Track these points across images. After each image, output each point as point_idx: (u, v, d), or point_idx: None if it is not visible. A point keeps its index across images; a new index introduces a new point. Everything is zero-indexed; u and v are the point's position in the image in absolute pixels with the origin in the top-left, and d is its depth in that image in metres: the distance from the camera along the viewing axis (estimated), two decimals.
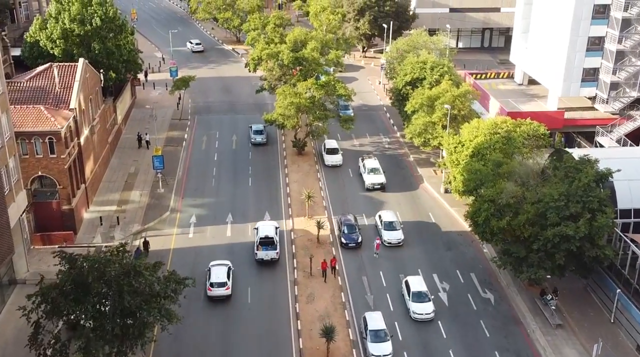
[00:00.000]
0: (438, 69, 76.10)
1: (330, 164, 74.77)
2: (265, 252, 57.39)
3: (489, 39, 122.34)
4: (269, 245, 57.57)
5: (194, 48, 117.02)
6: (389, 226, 61.65)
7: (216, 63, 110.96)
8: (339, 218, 63.29)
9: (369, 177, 70.62)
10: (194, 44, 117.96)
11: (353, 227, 61.53)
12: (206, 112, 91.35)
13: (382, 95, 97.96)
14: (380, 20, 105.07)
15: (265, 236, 57.87)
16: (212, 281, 53.36)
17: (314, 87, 73.68)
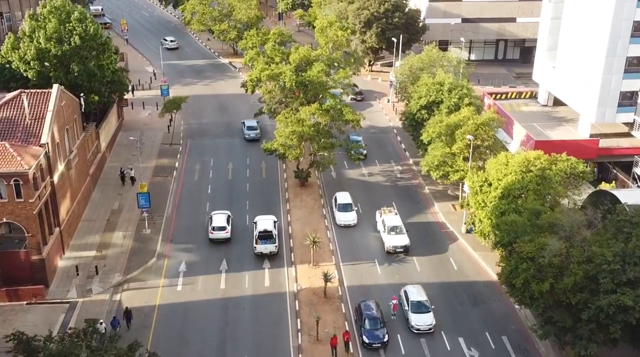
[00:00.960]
0: (457, 92, 68.31)
1: (343, 224, 62.65)
2: (264, 246, 58.09)
3: (503, 51, 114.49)
4: (268, 239, 58.41)
5: (168, 45, 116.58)
6: (418, 307, 50.08)
7: (212, 79, 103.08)
8: (357, 305, 51.12)
9: (389, 238, 59.04)
10: (168, 41, 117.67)
11: (377, 321, 48.63)
12: (200, 136, 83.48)
13: (391, 115, 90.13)
14: (388, 32, 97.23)
15: (264, 230, 58.72)
16: (213, 225, 60.65)
17: (318, 112, 65.83)
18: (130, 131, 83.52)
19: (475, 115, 63.27)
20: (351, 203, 64.39)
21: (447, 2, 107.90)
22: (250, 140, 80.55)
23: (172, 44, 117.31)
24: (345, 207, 63.74)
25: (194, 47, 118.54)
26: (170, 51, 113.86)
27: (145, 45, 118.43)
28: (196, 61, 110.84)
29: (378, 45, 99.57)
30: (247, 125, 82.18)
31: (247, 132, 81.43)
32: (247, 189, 70.56)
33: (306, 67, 72.00)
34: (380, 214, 62.49)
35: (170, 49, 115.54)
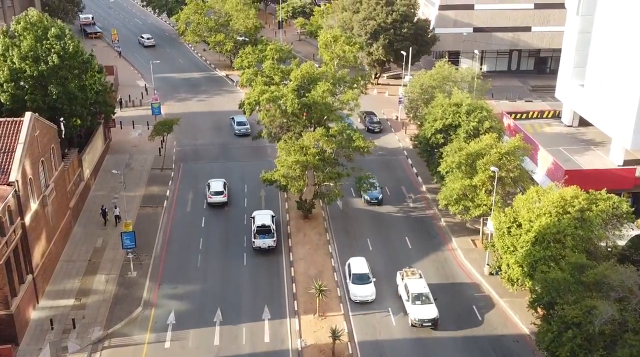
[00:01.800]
0: (476, 114, 61.79)
1: (358, 300, 52.16)
2: (262, 241, 58.25)
3: (517, 62, 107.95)
4: (266, 233, 58.52)
5: (145, 42, 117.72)
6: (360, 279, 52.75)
7: (207, 93, 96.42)
8: None
9: (414, 309, 49.52)
10: (145, 39, 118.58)
11: None
12: (194, 159, 76.88)
13: (400, 134, 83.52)
14: (396, 44, 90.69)
15: (262, 225, 58.85)
16: (211, 190, 66.08)
17: (323, 139, 59.25)
18: (118, 154, 76.98)
19: (499, 143, 56.67)
20: (368, 273, 53.38)
21: (457, 10, 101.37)
22: (241, 136, 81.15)
23: (148, 41, 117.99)
24: (361, 279, 52.90)
25: (189, 58, 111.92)
26: (163, 64, 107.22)
27: (137, 57, 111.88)
28: (191, 74, 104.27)
29: (385, 58, 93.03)
30: (237, 120, 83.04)
31: (238, 128, 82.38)
32: (245, 221, 63.94)
33: (309, 86, 65.55)
34: (402, 277, 52.94)
35: (147, 46, 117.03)
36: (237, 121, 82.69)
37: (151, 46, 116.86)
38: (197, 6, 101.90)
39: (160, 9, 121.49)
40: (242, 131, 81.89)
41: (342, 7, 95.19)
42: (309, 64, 65.76)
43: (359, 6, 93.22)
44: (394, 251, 59.46)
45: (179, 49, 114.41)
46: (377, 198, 66.14)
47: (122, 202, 62.38)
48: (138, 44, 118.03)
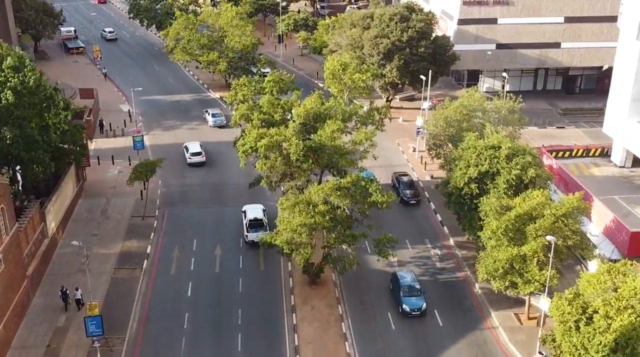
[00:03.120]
0: (518, 160, 51.11)
1: None
2: (255, 234, 56.86)
3: (543, 81, 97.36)
4: (259, 227, 57.50)
5: (107, 36, 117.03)
6: None
7: (199, 120, 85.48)
8: None
9: None
10: (107, 33, 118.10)
11: None
12: (181, 203, 66.14)
13: (420, 171, 72.77)
14: (412, 65, 79.95)
15: (254, 218, 58.06)
16: (191, 151, 72.16)
17: (334, 194, 48.52)
18: (92, 198, 66.22)
19: (553, 203, 45.93)
20: None
21: (479, 25, 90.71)
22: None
23: (111, 34, 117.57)
24: None
25: (179, 77, 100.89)
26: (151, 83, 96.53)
27: (123, 74, 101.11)
28: (181, 96, 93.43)
29: (400, 81, 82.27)
30: (212, 112, 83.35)
31: (213, 120, 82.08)
32: (240, 288, 53.25)
33: (315, 124, 54.92)
34: None
35: (109, 39, 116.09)
36: (211, 113, 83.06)
37: (113, 39, 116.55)
38: (188, 20, 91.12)
39: (149, 22, 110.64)
40: (218, 123, 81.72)
41: (351, 23, 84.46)
42: (315, 98, 55.00)
43: (370, 22, 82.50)
44: (422, 329, 48.82)
45: (169, 66, 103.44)
46: (420, 308, 49.74)
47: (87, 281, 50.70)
48: (125, 62, 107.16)
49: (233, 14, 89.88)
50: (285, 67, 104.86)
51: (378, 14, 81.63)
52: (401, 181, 67.34)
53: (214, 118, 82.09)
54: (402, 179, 67.54)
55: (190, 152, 72.85)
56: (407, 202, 64.89)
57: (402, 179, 67.62)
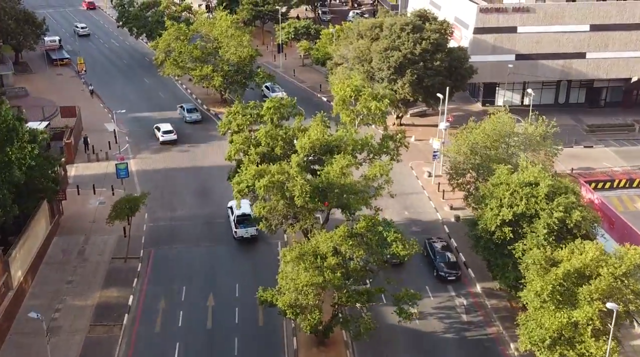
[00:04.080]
0: (561, 200, 43.59)
1: None
2: (244, 230, 56.26)
3: (565, 94, 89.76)
4: (248, 222, 56.14)
5: (80, 32, 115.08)
6: None
7: (192, 140, 77.71)
8: None
9: None
10: (79, 28, 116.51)
11: None
12: (169, 241, 58.44)
13: (437, 199, 65.14)
14: (427, 80, 72.36)
15: (242, 214, 56.11)
16: (162, 130, 75.84)
17: (345, 244, 40.91)
18: (69, 235, 58.64)
19: (611, 260, 38.30)
20: None
21: (497, 34, 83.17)
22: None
23: (83, 30, 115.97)
24: None
25: (171, 91, 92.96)
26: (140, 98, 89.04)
27: (109, 87, 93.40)
28: (173, 113, 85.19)
29: (412, 97, 74.63)
30: (187, 108, 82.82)
31: (189, 115, 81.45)
32: (236, 350, 45.59)
33: (322, 154, 47.32)
34: None
35: (82, 35, 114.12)
36: (187, 108, 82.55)
37: (85, 35, 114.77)
38: (180, 31, 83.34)
39: (139, 31, 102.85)
40: (194, 118, 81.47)
41: (358, 33, 76.81)
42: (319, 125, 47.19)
43: (379, 32, 74.87)
44: None
45: (160, 79, 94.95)
46: None
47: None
48: (113, 74, 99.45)
49: (228, 23, 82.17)
50: (285, 79, 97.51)
51: (388, 23, 74.00)
52: (435, 250, 53.45)
53: (189, 113, 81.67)
54: (436, 247, 53.65)
55: (162, 131, 75.91)
56: (444, 278, 52.13)
57: (436, 246, 53.75)
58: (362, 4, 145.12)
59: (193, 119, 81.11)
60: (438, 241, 55.31)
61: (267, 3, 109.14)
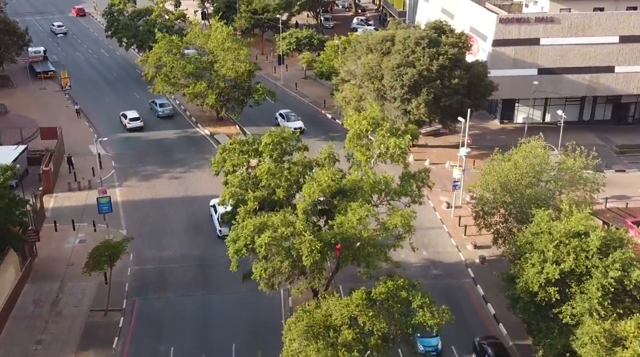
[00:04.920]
0: (616, 256, 36.62)
1: None
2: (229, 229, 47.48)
3: (590, 110, 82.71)
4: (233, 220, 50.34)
5: (56, 30, 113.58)
6: None
7: (184, 165, 70.60)
8: None
9: None
10: (56, 27, 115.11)
11: None
12: (157, 288, 51.38)
13: (458, 235, 58.12)
14: (444, 99, 65.36)
15: (226, 212, 49.51)
16: (129, 117, 77.27)
17: (365, 315, 33.86)
18: (43, 281, 51.68)
19: None
20: None
21: (518, 46, 76.20)
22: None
23: (60, 29, 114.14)
24: None
25: None
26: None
27: (97, 105, 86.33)
28: (165, 132, 78.59)
29: (428, 118, 67.65)
30: (159, 102, 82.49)
31: (161, 110, 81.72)
32: None
33: (333, 197, 40.29)
34: None
35: (58, 33, 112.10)
36: (159, 103, 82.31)
37: (62, 34, 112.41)
38: (172, 43, 76.19)
39: (129, 41, 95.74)
40: (167, 113, 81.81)
41: (367, 47, 69.76)
42: (331, 172, 39.99)
43: (391, 46, 67.83)
44: None
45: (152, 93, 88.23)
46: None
47: None
48: (101, 88, 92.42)
49: (224, 34, 75.08)
50: (286, 93, 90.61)
51: (401, 37, 66.96)
52: (488, 354, 43.03)
53: (161, 108, 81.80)
54: (488, 351, 42.90)
55: (129, 118, 77.42)
56: None
57: (489, 350, 42.89)
58: (366, 9, 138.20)
59: (166, 113, 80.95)
60: (493, 343, 43.67)
61: (267, 11, 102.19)
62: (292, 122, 75.82)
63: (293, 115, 78.07)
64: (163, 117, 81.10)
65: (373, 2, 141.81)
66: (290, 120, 76.71)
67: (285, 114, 78.14)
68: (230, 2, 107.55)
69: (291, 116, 77.83)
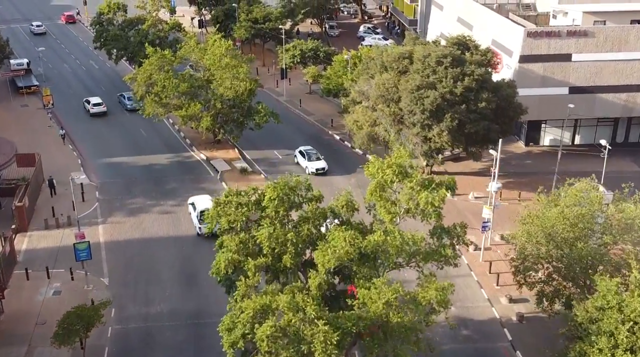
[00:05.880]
0: None
1: None
2: None
3: (624, 132, 75.24)
4: None
5: (35, 30, 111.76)
6: None
7: (177, 197, 63.02)
8: None
9: None
10: (35, 27, 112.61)
11: None
12: (142, 354, 43.89)
13: (489, 284, 50.66)
14: (469, 126, 57.90)
15: (205, 209, 47.70)
16: (92, 103, 79.90)
17: None
18: (7, 347, 44.01)
19: None
20: None
21: (547, 62, 68.85)
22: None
23: (39, 29, 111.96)
24: None
25: (155, 128, 77.77)
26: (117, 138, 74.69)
27: (82, 125, 78.88)
28: (156, 156, 71.11)
29: (451, 146, 60.22)
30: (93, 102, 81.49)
31: (92, 108, 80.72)
32: None
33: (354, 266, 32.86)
34: None
35: (37, 34, 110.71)
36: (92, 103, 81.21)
37: (41, 34, 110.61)
38: (164, 59, 68.69)
39: (119, 54, 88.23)
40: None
41: (382, 64, 62.31)
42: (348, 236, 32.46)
43: (408, 65, 60.38)
44: None
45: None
46: None
47: None
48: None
49: (222, 50, 67.61)
50: (290, 111, 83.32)
51: (420, 54, 59.48)
52: None
53: (129, 101, 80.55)
54: None
55: (92, 103, 79.87)
56: None
57: None
58: (373, 16, 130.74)
59: (134, 106, 78.48)
60: None
61: (268, 20, 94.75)
62: (313, 162, 66.62)
63: (315, 153, 67.83)
64: (131, 111, 79.72)
65: (380, 8, 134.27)
66: (312, 159, 66.98)
67: (306, 152, 67.84)
68: (229, 10, 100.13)
69: (313, 154, 67.61)
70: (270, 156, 71.44)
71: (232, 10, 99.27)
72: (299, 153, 68.50)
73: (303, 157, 67.64)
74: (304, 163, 67.10)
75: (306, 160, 67.05)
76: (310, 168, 66.09)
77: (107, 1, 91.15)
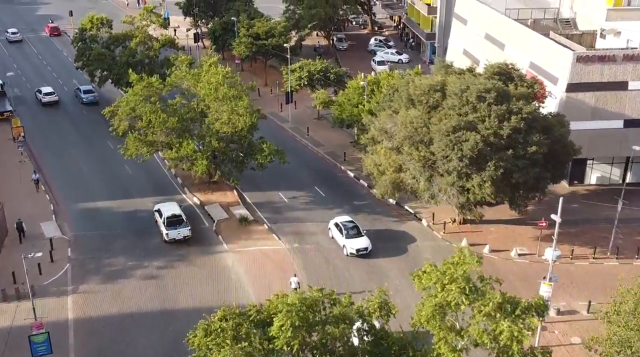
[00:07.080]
0: None
1: None
2: (176, 231, 52.89)
3: None
4: (178, 223, 53.36)
5: (10, 38, 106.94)
6: None
7: (163, 255, 52.79)
8: None
9: None
10: (10, 34, 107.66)
11: None
12: None
13: None
14: (517, 175, 47.74)
15: (172, 215, 53.38)
16: (44, 92, 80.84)
17: None
18: None
19: None
20: None
21: (599, 91, 58.86)
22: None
23: (14, 36, 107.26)
24: None
25: (144, 168, 67.37)
26: (97, 176, 64.84)
27: (58, 160, 68.85)
28: (142, 200, 60.82)
29: (494, 199, 50.03)
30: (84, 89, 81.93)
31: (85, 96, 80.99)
32: None
33: None
34: None
35: (12, 41, 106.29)
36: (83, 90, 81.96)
37: (17, 41, 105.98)
38: (151, 88, 58.49)
39: (102, 76, 78.06)
40: (90, 99, 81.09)
41: (408, 97, 52.19)
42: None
43: (440, 99, 50.29)
44: None
45: None
46: None
47: None
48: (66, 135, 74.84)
49: (219, 78, 57.51)
50: (297, 141, 73.43)
51: (456, 87, 49.32)
52: None
53: (85, 94, 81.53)
54: None
55: (43, 93, 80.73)
56: None
57: None
58: (384, 26, 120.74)
59: (90, 99, 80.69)
60: None
61: (271, 36, 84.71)
62: (352, 239, 51.98)
63: (354, 228, 52.84)
64: (87, 104, 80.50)
65: (391, 18, 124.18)
66: (351, 235, 52.25)
67: (343, 225, 53.01)
68: (227, 24, 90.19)
69: (351, 229, 52.69)
70: (275, 199, 61.47)
71: (231, 24, 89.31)
72: (334, 226, 53.90)
73: (340, 233, 52.92)
74: (341, 240, 52.57)
75: (343, 237, 52.44)
76: (349, 248, 51.70)
77: (89, 16, 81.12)
